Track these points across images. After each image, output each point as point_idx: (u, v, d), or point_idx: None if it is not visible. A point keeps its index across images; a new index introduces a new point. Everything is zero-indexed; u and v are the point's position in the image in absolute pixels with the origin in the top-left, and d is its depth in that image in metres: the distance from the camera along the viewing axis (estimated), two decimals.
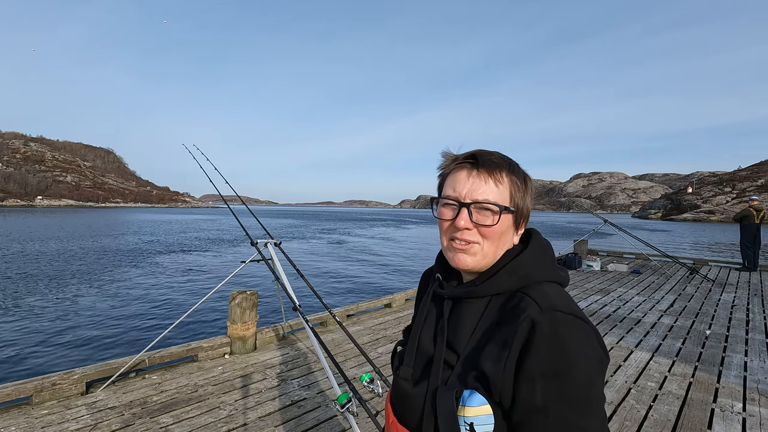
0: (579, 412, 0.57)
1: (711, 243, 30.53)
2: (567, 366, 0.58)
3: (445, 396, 0.64)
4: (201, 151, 4.06)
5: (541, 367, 0.59)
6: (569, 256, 9.96)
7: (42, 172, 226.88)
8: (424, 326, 0.77)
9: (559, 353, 0.58)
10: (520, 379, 0.60)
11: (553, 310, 0.61)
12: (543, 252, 0.72)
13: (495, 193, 0.69)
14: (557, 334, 0.59)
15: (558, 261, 6.86)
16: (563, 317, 0.61)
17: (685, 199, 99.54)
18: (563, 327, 0.60)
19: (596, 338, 0.62)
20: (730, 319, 5.47)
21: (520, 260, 0.69)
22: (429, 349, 0.73)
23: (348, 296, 10.62)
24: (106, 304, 9.10)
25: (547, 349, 0.59)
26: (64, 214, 78.83)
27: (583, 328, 0.61)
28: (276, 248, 3.53)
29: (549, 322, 0.60)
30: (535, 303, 0.63)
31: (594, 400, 0.59)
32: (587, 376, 0.58)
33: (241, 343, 3.95)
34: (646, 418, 2.85)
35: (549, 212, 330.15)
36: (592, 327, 0.62)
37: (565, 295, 0.66)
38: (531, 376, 0.59)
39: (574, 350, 0.59)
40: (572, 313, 0.62)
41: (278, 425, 2.68)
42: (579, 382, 0.58)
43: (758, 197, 10.40)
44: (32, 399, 2.84)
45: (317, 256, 19.07)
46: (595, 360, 0.60)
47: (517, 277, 0.68)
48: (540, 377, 0.58)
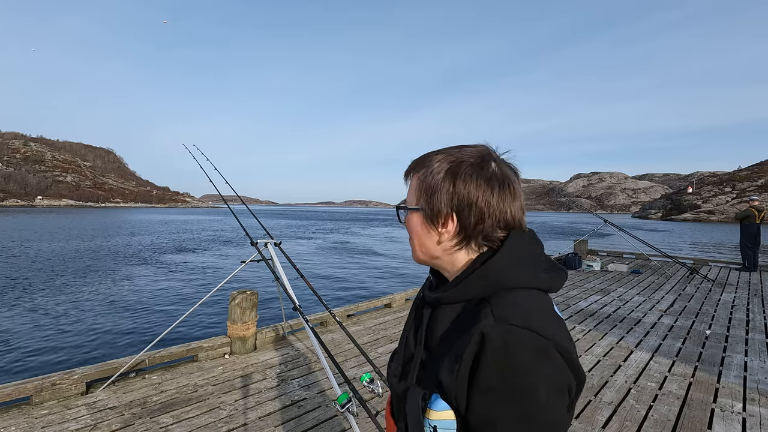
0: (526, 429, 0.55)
1: (711, 243, 30.52)
2: (516, 384, 0.55)
3: (413, 397, 0.64)
4: (201, 151, 4.07)
5: (489, 381, 0.56)
6: (569, 256, 9.96)
7: (42, 172, 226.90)
8: (412, 327, 0.77)
9: (509, 370, 0.55)
10: (473, 391, 0.58)
11: (507, 323, 0.57)
12: (519, 255, 0.65)
13: (409, 195, 0.73)
14: (507, 349, 0.56)
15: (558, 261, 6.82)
16: (516, 331, 0.56)
17: (685, 199, 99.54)
18: (515, 342, 0.56)
19: (558, 354, 0.57)
20: (730, 319, 5.47)
21: (491, 265, 0.64)
22: (411, 348, 0.73)
23: (348, 296, 10.62)
24: (106, 304, 9.10)
25: (497, 364, 0.56)
26: (64, 214, 78.84)
27: (538, 344, 0.56)
28: (276, 248, 3.53)
29: (499, 335, 0.56)
30: (492, 314, 0.59)
31: (548, 421, 0.56)
32: (541, 395, 0.55)
33: (241, 343, 3.95)
34: (646, 418, 2.85)
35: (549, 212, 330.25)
36: (554, 342, 0.57)
37: (533, 305, 0.62)
38: (482, 389, 0.57)
39: (524, 368, 0.55)
40: (528, 327, 0.57)
41: (278, 425, 2.68)
42: (531, 400, 0.55)
43: (758, 197, 10.40)
44: (32, 399, 2.84)
45: (317, 256, 19.07)
46: (550, 378, 0.56)
47: (486, 282, 0.63)
48: (489, 391, 0.56)
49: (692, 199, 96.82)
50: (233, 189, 4.20)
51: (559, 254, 10.73)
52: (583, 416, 2.87)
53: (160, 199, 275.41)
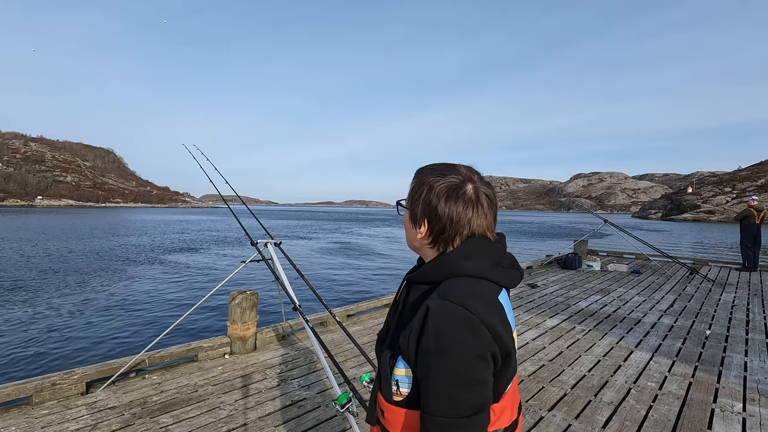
0: (451, 383, 0.72)
1: (711, 243, 30.52)
2: (446, 345, 0.72)
3: (383, 358, 0.85)
4: (201, 151, 4.07)
5: (428, 344, 0.74)
6: (569, 256, 9.95)
7: (42, 172, 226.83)
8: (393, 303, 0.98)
9: (439, 335, 0.73)
10: (418, 353, 0.76)
11: (445, 300, 0.76)
12: (475, 250, 0.84)
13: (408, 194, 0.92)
14: (442, 319, 0.74)
15: (558, 261, 6.81)
16: (451, 306, 0.75)
17: (685, 199, 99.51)
18: (449, 314, 0.74)
19: (484, 328, 0.74)
20: (730, 319, 5.47)
21: (446, 256, 0.84)
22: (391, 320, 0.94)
23: (348, 296, 10.62)
24: (107, 304, 9.10)
25: (433, 331, 0.74)
26: (64, 214, 78.84)
27: (466, 318, 0.74)
28: (276, 248, 3.53)
29: (437, 309, 0.75)
30: (437, 293, 0.79)
31: (467, 377, 0.72)
32: (462, 356, 0.72)
33: (241, 343, 3.95)
34: (646, 418, 2.85)
35: (549, 212, 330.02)
36: (479, 317, 0.74)
37: (470, 289, 0.78)
38: (422, 351, 0.75)
39: (453, 334, 0.73)
40: (461, 304, 0.75)
41: (278, 425, 2.68)
42: (454, 359, 0.72)
43: (758, 197, 10.40)
44: (32, 399, 2.84)
45: (317, 256, 19.07)
46: (473, 345, 0.73)
47: (440, 269, 0.83)
48: (427, 352, 0.74)
49: (692, 199, 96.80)
50: (233, 189, 4.20)
51: (559, 254, 10.73)
52: (583, 416, 2.87)
53: (160, 199, 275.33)
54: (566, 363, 3.87)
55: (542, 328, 4.96)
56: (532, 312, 5.73)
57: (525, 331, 4.84)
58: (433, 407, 0.74)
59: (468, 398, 0.73)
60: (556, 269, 9.65)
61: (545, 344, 4.40)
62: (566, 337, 4.63)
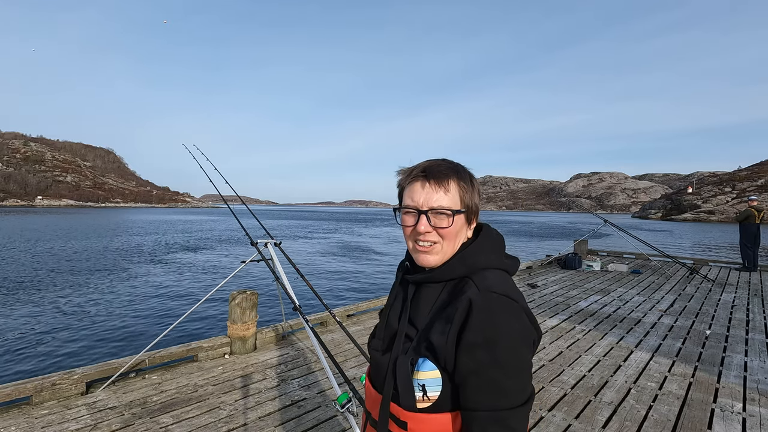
0: (504, 374, 0.71)
1: (711, 243, 30.52)
2: (496, 335, 0.71)
3: (403, 363, 0.79)
4: (201, 151, 4.06)
5: (475, 337, 0.72)
6: (569, 256, 9.95)
7: (42, 172, 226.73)
8: (393, 307, 0.93)
9: (490, 326, 0.72)
10: (460, 348, 0.74)
11: (489, 291, 0.75)
12: (490, 244, 0.86)
13: (446, 199, 0.82)
14: (489, 310, 0.73)
15: (558, 261, 6.81)
16: (497, 297, 0.74)
17: (685, 199, 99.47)
18: (495, 304, 0.73)
19: (525, 315, 0.75)
20: (730, 319, 5.47)
21: (469, 251, 0.83)
22: (395, 325, 0.89)
23: (348, 296, 10.62)
24: (107, 304, 9.10)
25: (480, 322, 0.72)
26: (64, 214, 78.83)
27: (512, 306, 0.74)
28: (276, 248, 3.53)
29: (483, 300, 0.74)
30: (475, 285, 0.77)
31: (517, 364, 0.72)
32: (513, 345, 0.72)
33: (241, 343, 3.95)
34: (646, 418, 2.85)
35: (549, 212, 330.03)
36: (521, 305, 0.75)
37: (504, 280, 0.80)
38: (468, 346, 0.73)
39: (502, 323, 0.72)
40: (505, 294, 0.75)
41: (278, 425, 2.68)
42: (506, 349, 0.71)
43: (758, 197, 10.41)
44: (32, 399, 2.84)
45: (317, 256, 19.07)
46: (521, 332, 0.73)
47: (465, 264, 0.82)
48: (474, 346, 0.72)
49: (692, 199, 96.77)
50: (233, 189, 4.20)
51: (559, 254, 10.73)
52: (583, 416, 2.87)
53: (160, 199, 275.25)
54: (566, 363, 3.87)
55: (542, 328, 4.96)
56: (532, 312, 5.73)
57: None
58: (488, 402, 0.71)
59: (521, 386, 0.72)
60: (556, 269, 9.64)
61: (545, 344, 4.40)
62: (566, 337, 4.63)
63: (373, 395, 0.90)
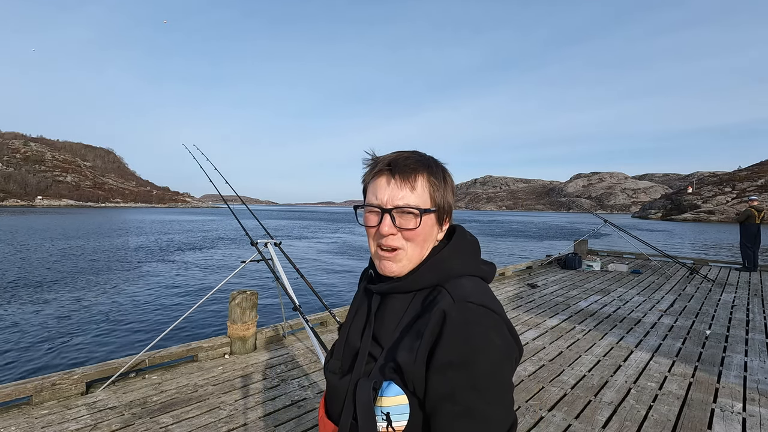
0: (483, 399, 0.60)
1: (711, 243, 30.52)
2: (473, 353, 0.60)
3: (363, 387, 0.66)
4: (201, 151, 4.06)
5: (449, 355, 0.61)
6: (569, 256, 9.95)
7: (42, 172, 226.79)
8: (354, 321, 0.79)
9: (466, 341, 0.61)
10: (431, 369, 0.62)
11: (465, 301, 0.64)
12: (464, 248, 0.75)
13: (414, 197, 0.71)
14: (466, 323, 0.62)
15: (558, 261, 6.80)
16: (474, 308, 0.63)
17: (685, 199, 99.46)
18: (473, 316, 0.62)
19: (506, 328, 0.65)
20: (730, 319, 5.47)
21: (441, 256, 0.72)
22: (356, 342, 0.75)
23: (348, 296, 10.61)
24: (106, 304, 9.10)
25: (456, 337, 0.61)
26: (64, 214, 78.82)
27: (492, 318, 0.63)
28: (276, 248, 3.53)
29: (459, 312, 0.63)
30: (449, 295, 0.66)
31: (499, 387, 0.61)
32: (493, 364, 0.61)
33: (241, 343, 3.95)
34: (646, 418, 2.85)
35: (549, 212, 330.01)
36: (502, 318, 0.65)
37: (481, 288, 0.69)
38: (441, 365, 0.61)
39: (480, 339, 0.61)
40: (483, 304, 0.64)
41: (278, 425, 2.68)
42: (485, 369, 0.60)
43: (758, 197, 10.42)
44: (32, 399, 2.84)
45: (317, 256, 19.07)
46: (502, 349, 0.62)
47: (437, 272, 0.71)
48: (448, 366, 0.61)
49: (692, 199, 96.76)
50: (233, 189, 4.20)
51: (559, 254, 10.73)
52: (583, 416, 2.87)
53: (160, 199, 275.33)
54: (566, 363, 3.87)
55: (542, 328, 4.96)
56: (532, 312, 5.73)
57: (525, 331, 4.84)
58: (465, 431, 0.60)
59: (503, 414, 0.61)
60: (556, 269, 9.64)
61: (545, 344, 4.40)
62: (566, 337, 4.63)
63: (329, 429, 0.75)
